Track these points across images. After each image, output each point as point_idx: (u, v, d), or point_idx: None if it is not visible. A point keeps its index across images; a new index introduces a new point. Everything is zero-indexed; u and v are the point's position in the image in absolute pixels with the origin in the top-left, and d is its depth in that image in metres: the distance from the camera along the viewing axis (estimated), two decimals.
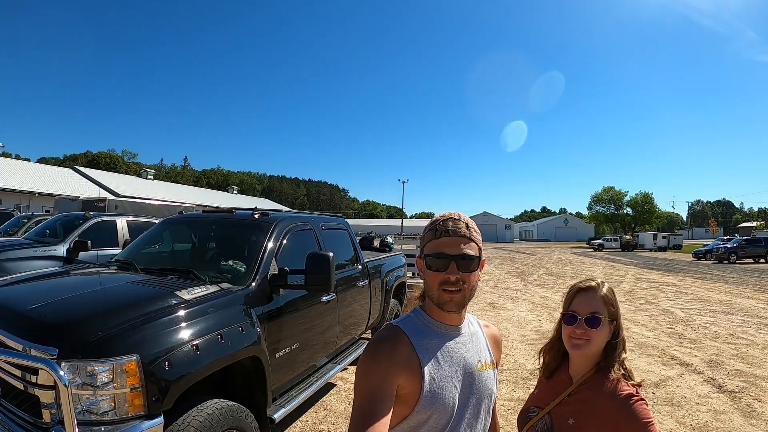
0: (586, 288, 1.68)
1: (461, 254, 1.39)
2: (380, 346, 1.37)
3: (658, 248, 54.41)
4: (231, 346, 3.05)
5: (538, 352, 1.88)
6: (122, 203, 16.91)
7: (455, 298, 1.40)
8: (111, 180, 50.03)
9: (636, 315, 11.24)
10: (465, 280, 1.39)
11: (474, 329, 1.56)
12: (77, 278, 3.68)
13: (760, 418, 4.96)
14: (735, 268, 27.00)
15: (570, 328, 1.65)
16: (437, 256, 1.40)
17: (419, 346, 1.39)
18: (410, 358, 1.35)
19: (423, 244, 1.48)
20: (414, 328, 1.43)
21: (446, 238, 1.41)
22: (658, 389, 5.93)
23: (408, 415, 1.35)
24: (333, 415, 5.01)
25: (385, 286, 6.79)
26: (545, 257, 37.28)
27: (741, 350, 7.72)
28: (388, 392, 1.27)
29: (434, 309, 1.45)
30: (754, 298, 13.83)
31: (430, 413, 1.35)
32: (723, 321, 10.32)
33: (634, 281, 19.33)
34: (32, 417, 2.52)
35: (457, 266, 1.38)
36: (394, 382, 1.30)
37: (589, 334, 1.61)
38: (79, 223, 9.09)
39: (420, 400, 1.33)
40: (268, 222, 4.37)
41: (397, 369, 1.31)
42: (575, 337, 1.63)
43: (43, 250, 8.09)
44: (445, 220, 1.44)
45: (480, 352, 1.52)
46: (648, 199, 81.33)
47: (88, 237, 8.49)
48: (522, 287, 17.05)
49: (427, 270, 1.43)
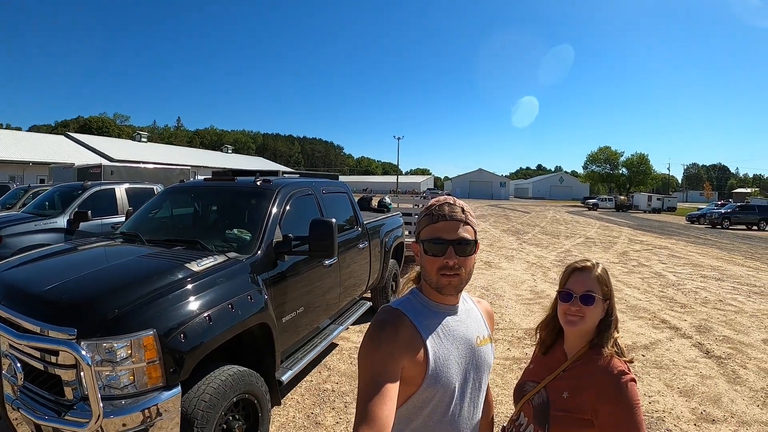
0: (582, 268, 1.73)
1: (458, 239, 1.40)
2: (382, 329, 1.37)
3: (652, 210, 54.47)
4: (241, 314, 3.14)
5: (534, 329, 1.94)
6: (118, 168, 16.72)
7: (453, 281, 1.42)
8: (105, 145, 49.28)
9: (628, 277, 11.42)
10: (462, 264, 1.41)
11: (469, 306, 1.60)
12: (86, 254, 3.68)
13: (744, 385, 5.14)
14: (728, 234, 27.08)
15: (565, 305, 1.70)
16: (434, 241, 1.41)
17: (421, 327, 1.41)
18: (413, 340, 1.37)
19: (419, 229, 1.48)
20: (413, 309, 1.45)
21: (443, 222, 1.42)
22: (648, 352, 6.12)
23: (413, 394, 1.38)
24: (336, 375, 5.18)
25: (384, 246, 6.91)
26: (540, 215, 37.38)
27: (729, 317, 7.89)
28: (393, 374, 1.28)
29: (432, 291, 1.47)
30: (744, 266, 13.95)
31: (435, 391, 1.39)
32: (713, 287, 10.49)
33: (628, 243, 19.50)
34: (54, 395, 2.60)
35: (454, 251, 1.39)
36: (399, 363, 1.31)
37: (584, 311, 1.66)
38: (78, 193, 9.04)
39: (425, 379, 1.37)
40: (271, 189, 4.39)
41: (400, 351, 1.33)
42: (570, 314, 1.69)
43: (43, 223, 8.04)
44: (440, 205, 1.45)
45: (478, 327, 1.57)
46: (644, 160, 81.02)
47: (88, 207, 8.51)
48: (517, 246, 17.22)
49: (425, 255, 1.44)
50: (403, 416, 1.41)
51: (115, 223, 8.58)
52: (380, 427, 1.15)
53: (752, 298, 9.44)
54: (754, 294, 9.79)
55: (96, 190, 9.28)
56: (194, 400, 2.73)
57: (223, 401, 2.85)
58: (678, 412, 4.51)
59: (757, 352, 6.16)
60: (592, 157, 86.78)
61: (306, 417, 4.25)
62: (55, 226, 8.10)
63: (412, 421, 1.42)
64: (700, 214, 37.66)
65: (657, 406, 4.62)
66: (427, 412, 1.41)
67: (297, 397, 4.61)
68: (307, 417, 4.25)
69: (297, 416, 4.25)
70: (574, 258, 13.95)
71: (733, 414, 4.49)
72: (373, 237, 6.46)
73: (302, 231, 4.05)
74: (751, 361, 5.84)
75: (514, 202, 69.59)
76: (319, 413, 4.32)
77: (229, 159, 67.32)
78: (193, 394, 2.74)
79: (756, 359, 5.92)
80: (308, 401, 4.54)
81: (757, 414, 4.49)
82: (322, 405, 4.47)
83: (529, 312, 8.02)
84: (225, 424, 2.98)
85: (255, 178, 4.77)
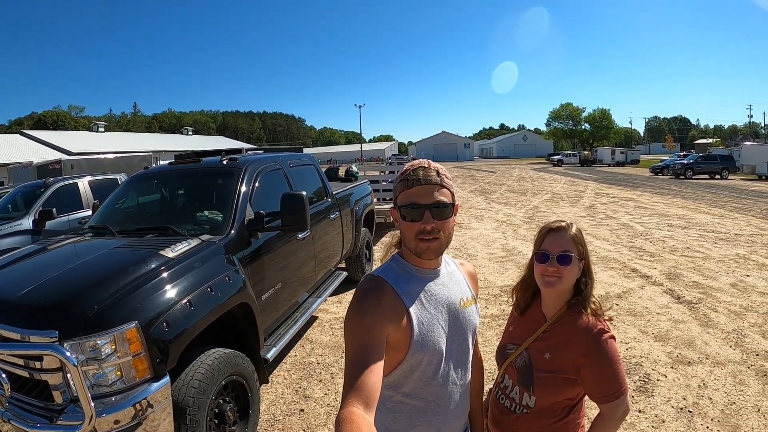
0: (557, 228, 1.73)
1: (434, 202, 1.38)
2: (365, 297, 1.37)
3: (616, 163, 55.43)
4: (221, 296, 3.11)
5: (511, 291, 1.95)
6: (78, 162, 16.16)
7: (432, 246, 1.40)
8: (62, 139, 47.11)
9: (597, 230, 11.71)
10: (441, 228, 1.39)
11: (451, 268, 1.60)
12: (57, 253, 3.55)
13: (716, 327, 5.35)
14: (691, 184, 27.70)
15: (542, 266, 1.70)
16: (411, 206, 1.39)
17: (403, 293, 1.40)
18: (396, 306, 1.37)
19: (396, 194, 1.46)
20: (395, 276, 1.45)
21: (418, 187, 1.39)
22: (621, 300, 6.32)
23: (401, 360, 1.39)
24: (319, 347, 5.20)
25: (355, 215, 6.96)
26: (506, 174, 37.70)
27: (698, 263, 8.16)
28: (379, 342, 1.28)
29: (413, 256, 1.46)
30: (709, 213, 14.31)
31: (423, 356, 1.40)
32: (680, 235, 10.80)
33: (594, 196, 19.90)
34: (44, 401, 2.53)
35: (431, 215, 1.37)
36: (384, 331, 1.31)
37: (561, 271, 1.67)
38: (40, 191, 8.73)
39: (411, 345, 1.37)
40: (239, 167, 4.33)
41: (384, 318, 1.32)
42: (547, 275, 1.69)
43: (8, 227, 7.73)
44: (415, 170, 1.42)
45: (461, 289, 1.57)
46: (605, 115, 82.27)
47: (52, 205, 8.24)
48: (486, 206, 17.44)
49: (402, 221, 1.42)
50: (393, 382, 1.43)
51: (81, 217, 8.37)
52: (368, 394, 1.14)
53: (718, 244, 9.73)
54: (720, 240, 10.10)
55: (58, 187, 8.99)
56: (184, 388, 2.71)
57: (212, 385, 2.84)
58: (655, 356, 4.68)
59: (727, 296, 6.40)
60: (554, 114, 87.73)
61: (295, 392, 4.27)
62: (20, 229, 7.80)
63: (403, 387, 1.43)
64: (663, 165, 38.46)
65: (634, 351, 4.79)
66: (416, 377, 1.42)
67: (284, 374, 4.62)
68: (296, 392, 4.27)
69: (286, 392, 4.27)
70: (543, 214, 14.36)
71: (708, 355, 4.68)
72: (344, 207, 6.49)
73: (273, 207, 4.03)
74: (721, 305, 6.06)
75: (479, 163, 69.92)
76: (307, 387, 4.34)
77: (191, 141, 65.62)
78: (181, 382, 2.72)
79: (725, 302, 6.15)
80: (295, 376, 4.56)
81: (731, 354, 4.69)
82: (309, 378, 4.50)
83: (503, 269, 8.18)
84: (216, 408, 2.97)
85: (221, 158, 4.70)
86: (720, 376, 4.26)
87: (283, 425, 3.76)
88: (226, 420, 3.03)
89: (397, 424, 1.47)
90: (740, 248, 9.24)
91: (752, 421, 3.57)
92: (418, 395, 1.44)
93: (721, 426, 3.52)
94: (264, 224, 3.87)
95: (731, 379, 4.19)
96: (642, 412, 3.73)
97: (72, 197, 9.04)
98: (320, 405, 4.03)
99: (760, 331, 5.19)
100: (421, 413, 1.46)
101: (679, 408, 3.78)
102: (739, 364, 4.46)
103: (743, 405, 3.79)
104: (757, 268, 7.73)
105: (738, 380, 4.17)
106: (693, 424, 3.55)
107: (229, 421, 3.05)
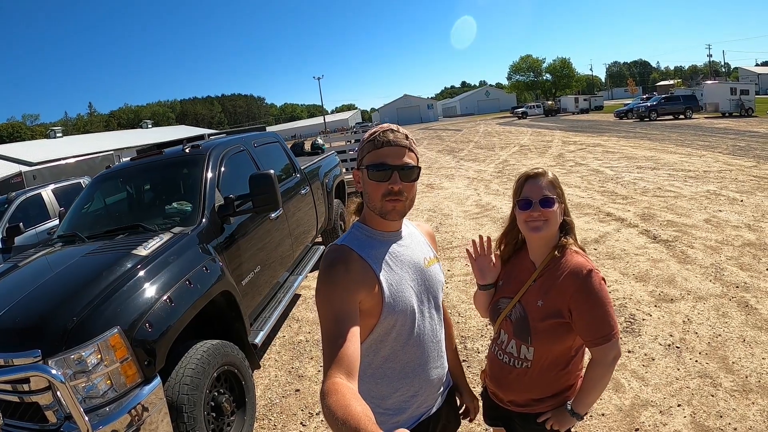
0: (534, 175, 1.75)
1: (403, 164, 1.42)
2: (333, 267, 1.38)
3: (580, 111, 55.77)
4: (201, 288, 3.05)
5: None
6: (39, 171, 15.81)
7: (398, 207, 1.44)
8: (20, 150, 45.09)
9: (568, 177, 11.84)
10: (406, 190, 1.43)
11: (411, 230, 1.64)
12: (29, 269, 3.40)
13: (694, 263, 5.48)
14: (656, 125, 28.10)
15: (526, 212, 1.71)
16: (379, 166, 1.41)
17: (369, 258, 1.43)
18: (365, 272, 1.40)
19: (362, 155, 1.47)
20: (359, 242, 1.47)
21: (387, 148, 1.42)
22: (599, 245, 6.44)
23: (375, 325, 1.42)
24: (306, 324, 5.19)
25: (326, 188, 6.94)
26: (472, 131, 37.59)
27: (670, 202, 8.32)
28: (352, 310, 1.30)
29: (375, 219, 1.49)
30: (677, 153, 14.54)
31: (396, 317, 1.43)
32: (650, 176, 10.97)
33: (562, 145, 20.10)
34: (39, 423, 2.44)
35: (399, 176, 1.41)
36: (355, 299, 1.33)
37: (546, 214, 1.68)
38: (4, 208, 8.44)
39: (383, 308, 1.40)
40: (202, 153, 4.25)
41: (354, 286, 1.35)
42: (532, 220, 1.70)
43: None
44: (384, 131, 1.44)
45: (423, 249, 1.61)
46: (566, 64, 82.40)
47: (18, 219, 7.87)
48: (455, 164, 17.48)
49: (369, 180, 1.44)
50: (371, 347, 1.47)
51: (50, 228, 8.04)
52: (348, 363, 1.16)
53: (688, 182, 9.93)
54: (689, 178, 10.29)
55: (22, 200, 8.72)
56: (176, 387, 2.66)
57: (204, 379, 2.80)
58: (638, 296, 4.79)
59: (701, 232, 6.54)
60: (515, 67, 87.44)
61: (288, 373, 4.25)
62: None
63: (380, 350, 1.48)
64: (627, 109, 38.74)
65: (617, 294, 4.88)
66: (392, 339, 1.46)
67: (274, 356, 4.60)
68: (289, 372, 4.25)
69: (279, 374, 4.25)
70: (513, 167, 14.46)
71: (689, 291, 4.80)
72: (314, 180, 6.45)
73: (242, 189, 3.97)
74: (696, 241, 6.20)
75: (444, 122, 69.81)
76: (300, 366, 4.33)
77: (151, 134, 63.79)
78: (173, 380, 2.67)
79: (701, 238, 6.29)
80: (286, 357, 4.54)
81: (711, 288, 4.82)
82: (300, 358, 4.48)
83: (479, 226, 8.25)
84: (212, 401, 2.93)
85: (183, 146, 4.57)
86: (703, 310, 4.38)
87: (281, 407, 3.75)
88: (224, 412, 3.00)
89: (380, 389, 1.51)
90: (710, 185, 9.43)
91: (738, 351, 3.68)
92: (397, 357, 1.49)
93: (709, 359, 3.63)
94: (235, 208, 3.81)
95: (714, 313, 4.31)
96: (632, 352, 3.82)
97: (38, 208, 8.82)
98: (315, 383, 4.02)
99: (737, 263, 5.33)
100: (402, 375, 1.51)
101: (667, 345, 3.87)
102: (720, 297, 4.59)
103: (728, 336, 3.90)
104: (729, 202, 7.91)
105: (721, 313, 4.29)
106: (682, 359, 3.65)
107: (227, 413, 3.03)
